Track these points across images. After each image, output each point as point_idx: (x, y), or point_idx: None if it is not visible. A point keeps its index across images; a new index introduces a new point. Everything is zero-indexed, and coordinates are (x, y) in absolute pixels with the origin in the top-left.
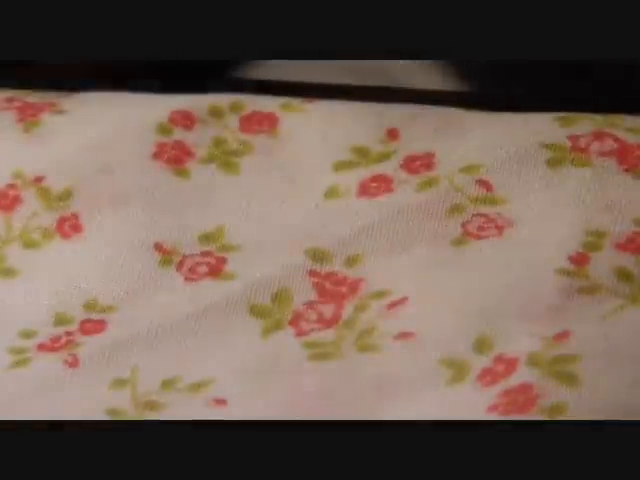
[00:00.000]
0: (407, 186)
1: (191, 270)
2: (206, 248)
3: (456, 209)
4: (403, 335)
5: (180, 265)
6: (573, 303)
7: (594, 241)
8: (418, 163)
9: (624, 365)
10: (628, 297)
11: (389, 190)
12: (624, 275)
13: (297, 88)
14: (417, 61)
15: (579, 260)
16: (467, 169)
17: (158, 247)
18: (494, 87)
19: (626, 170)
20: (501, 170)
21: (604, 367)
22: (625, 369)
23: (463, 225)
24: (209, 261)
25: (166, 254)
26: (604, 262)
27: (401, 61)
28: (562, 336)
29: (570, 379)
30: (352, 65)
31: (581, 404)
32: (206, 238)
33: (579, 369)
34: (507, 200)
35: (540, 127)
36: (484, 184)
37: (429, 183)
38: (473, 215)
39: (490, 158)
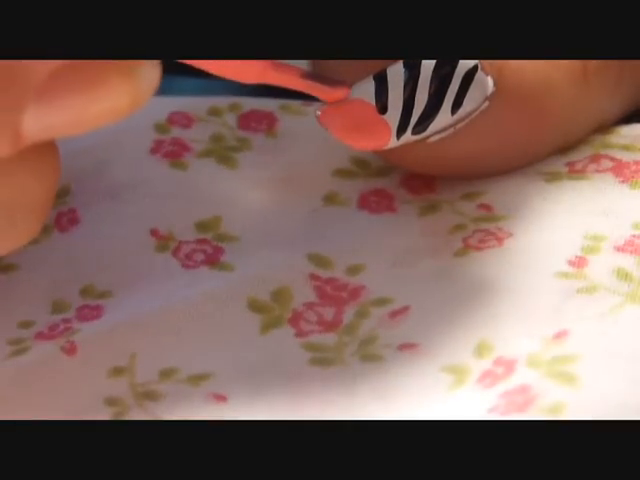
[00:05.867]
0: (409, 207)
1: (187, 257)
2: (202, 236)
3: (457, 228)
4: (405, 346)
5: (176, 251)
6: (572, 302)
7: (593, 245)
8: (418, 182)
9: (624, 363)
10: (627, 295)
11: (391, 209)
12: (623, 274)
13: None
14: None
15: (578, 263)
16: (467, 196)
17: (154, 232)
18: None
19: (622, 182)
20: (501, 195)
21: (603, 365)
22: (625, 367)
23: (464, 240)
24: (205, 249)
25: (162, 239)
26: (603, 263)
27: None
28: (561, 335)
29: (569, 378)
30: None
31: (580, 403)
32: (202, 226)
33: (578, 368)
34: (507, 217)
35: None
36: (485, 207)
37: (431, 208)
38: (474, 231)
39: (490, 186)
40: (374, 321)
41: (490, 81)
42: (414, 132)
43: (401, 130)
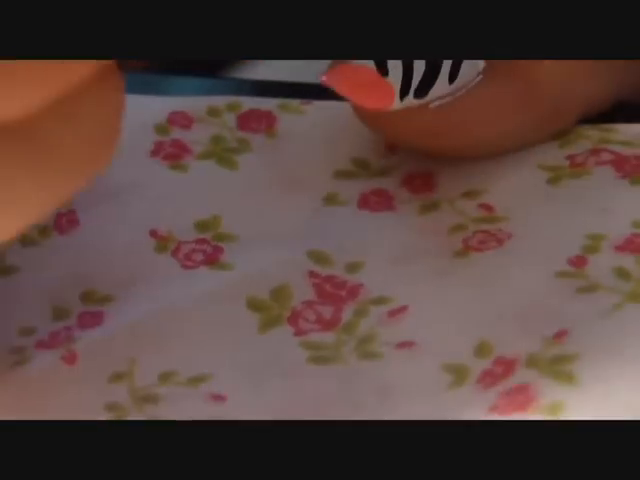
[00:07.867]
0: (409, 206)
1: (187, 257)
2: (202, 236)
3: (457, 228)
4: (404, 344)
5: (176, 251)
6: (572, 302)
7: (593, 244)
8: (418, 181)
9: (624, 363)
10: (627, 294)
11: (391, 208)
12: (623, 273)
13: (296, 88)
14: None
15: (578, 263)
16: (468, 194)
17: (153, 233)
18: None
19: (623, 177)
20: (502, 194)
21: (603, 365)
22: (625, 366)
23: (464, 241)
24: (205, 249)
25: (161, 240)
26: (603, 263)
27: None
28: (561, 334)
29: (569, 377)
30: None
31: (580, 403)
32: (202, 226)
33: (578, 367)
34: (508, 218)
35: (540, 150)
36: (485, 207)
37: (431, 206)
38: (474, 232)
39: (490, 184)
40: (373, 320)
41: None
42: (416, 96)
43: (404, 93)
